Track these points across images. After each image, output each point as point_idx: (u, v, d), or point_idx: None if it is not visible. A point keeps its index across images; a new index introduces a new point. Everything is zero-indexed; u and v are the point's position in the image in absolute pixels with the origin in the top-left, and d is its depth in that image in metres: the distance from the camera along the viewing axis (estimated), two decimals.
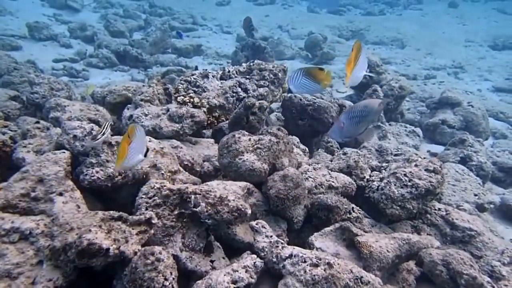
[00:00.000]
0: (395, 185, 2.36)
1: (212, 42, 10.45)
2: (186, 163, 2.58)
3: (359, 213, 2.42)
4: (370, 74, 4.87)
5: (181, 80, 3.29)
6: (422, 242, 2.03)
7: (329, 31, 13.16)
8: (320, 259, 1.84)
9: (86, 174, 2.09)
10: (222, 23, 12.74)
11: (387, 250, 1.97)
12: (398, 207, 2.31)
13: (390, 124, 4.87)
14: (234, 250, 2.13)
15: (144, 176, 2.25)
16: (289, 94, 3.61)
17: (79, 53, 7.29)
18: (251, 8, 15.60)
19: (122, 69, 7.05)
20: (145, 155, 1.82)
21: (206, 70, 3.45)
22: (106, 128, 2.06)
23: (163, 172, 2.29)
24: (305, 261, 1.85)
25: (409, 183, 2.33)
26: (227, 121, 3.21)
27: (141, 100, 2.87)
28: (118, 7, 12.03)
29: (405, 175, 2.36)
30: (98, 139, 2.03)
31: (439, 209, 2.40)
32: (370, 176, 2.65)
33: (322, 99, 3.62)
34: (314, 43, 9.91)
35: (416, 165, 2.41)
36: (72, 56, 7.11)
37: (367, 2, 19.08)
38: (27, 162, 2.05)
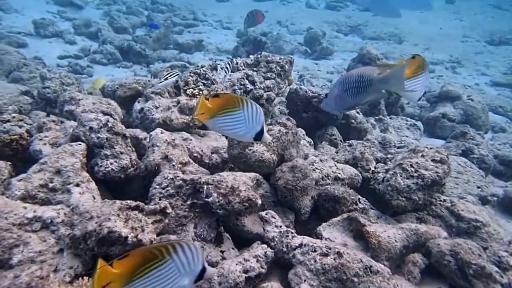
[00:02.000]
0: (401, 176, 2.37)
1: (213, 38, 10.39)
2: (195, 155, 2.58)
3: (365, 204, 2.43)
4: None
5: (190, 72, 3.28)
6: (430, 232, 2.05)
7: (328, 26, 13.09)
8: (329, 249, 1.85)
9: (101, 166, 2.09)
10: (222, 19, 12.65)
11: (395, 240, 1.98)
12: (403, 199, 2.32)
13: (391, 118, 4.86)
14: (242, 241, 2.14)
15: (156, 168, 2.25)
16: (295, 86, 3.59)
17: (84, 49, 7.24)
18: (251, 4, 15.46)
19: (125, 66, 7.01)
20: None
21: (215, 61, 3.44)
22: (173, 74, 2.15)
23: (174, 163, 2.30)
24: (315, 250, 1.86)
25: (415, 174, 2.33)
26: None
27: (152, 92, 2.86)
28: (120, 4, 11.93)
29: (411, 165, 2.36)
30: (161, 82, 2.11)
31: (444, 200, 2.41)
32: (375, 167, 2.65)
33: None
34: (313, 38, 9.86)
35: (422, 156, 2.41)
36: (77, 52, 7.07)
37: None
38: (44, 154, 2.05)
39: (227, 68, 2.99)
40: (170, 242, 1.17)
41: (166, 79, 2.27)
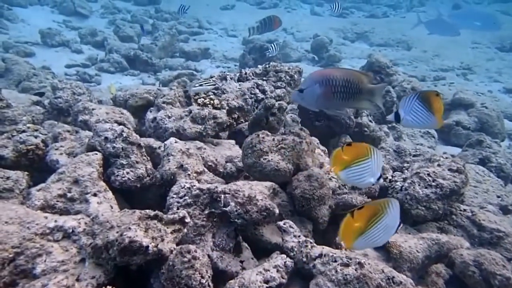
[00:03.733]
0: (419, 185, 2.39)
1: (219, 46, 10.55)
2: (210, 164, 2.62)
3: None
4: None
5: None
6: (452, 242, 2.05)
7: (334, 33, 13.24)
8: (350, 259, 1.86)
9: (117, 175, 2.14)
10: (227, 26, 12.86)
11: (417, 251, 1.99)
12: (423, 208, 2.33)
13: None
14: (261, 251, 2.16)
15: (172, 177, 2.29)
16: None
17: (91, 58, 7.40)
18: (255, 12, 15.71)
19: (132, 73, 7.15)
20: None
21: (224, 72, 3.51)
22: (209, 83, 2.24)
23: (189, 172, 2.34)
24: (335, 261, 1.88)
25: (433, 183, 2.35)
26: (247, 123, 3.25)
27: (163, 102, 2.92)
28: (125, 13, 12.19)
29: (428, 175, 2.38)
30: (197, 86, 2.20)
31: (465, 210, 2.42)
32: (392, 176, 2.67)
33: None
34: (320, 46, 9.98)
35: (439, 165, 2.43)
36: (84, 61, 7.22)
37: (369, 4, 19.18)
38: (60, 164, 2.10)
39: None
40: (385, 200, 1.57)
41: (201, 85, 2.38)
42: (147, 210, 1.76)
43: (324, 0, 18.92)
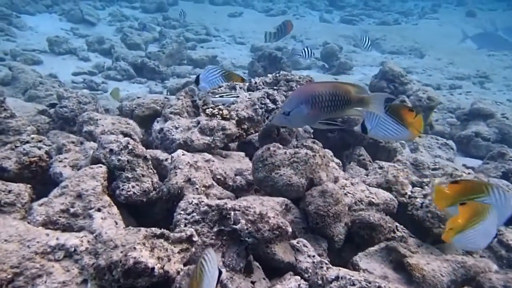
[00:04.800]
0: None
1: (227, 53, 10.59)
2: (218, 177, 2.55)
3: (404, 232, 2.34)
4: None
5: (209, 92, 3.30)
6: (479, 265, 1.94)
7: (344, 40, 13.21)
8: (369, 282, 1.76)
9: (122, 189, 2.08)
10: (235, 33, 12.93)
11: (441, 274, 1.88)
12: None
13: (419, 136, 4.78)
14: (273, 270, 2.07)
15: (179, 191, 2.23)
16: None
17: (97, 66, 7.47)
18: (264, 19, 15.82)
19: (140, 81, 7.18)
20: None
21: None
22: (231, 95, 2.21)
23: (197, 186, 2.27)
24: (353, 284, 1.78)
25: None
26: (257, 134, 3.19)
27: (171, 112, 2.88)
28: (133, 20, 12.37)
29: None
30: (217, 98, 2.17)
31: None
32: (412, 192, 2.57)
33: None
34: (330, 53, 9.95)
35: None
36: (91, 69, 7.29)
37: (380, 11, 19.18)
38: (64, 177, 2.06)
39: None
40: (488, 183, 1.56)
41: (221, 96, 2.33)
42: (153, 228, 1.69)
43: (334, 7, 19.00)
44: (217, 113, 3.04)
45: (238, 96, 2.40)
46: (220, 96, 2.58)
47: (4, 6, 9.37)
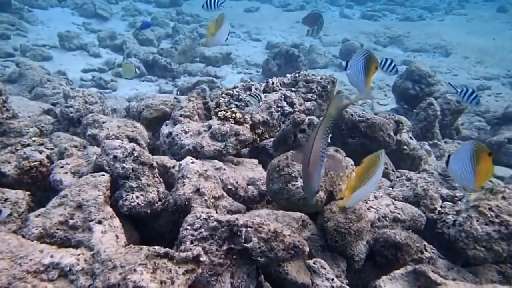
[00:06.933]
0: (477, 220, 2.10)
1: (241, 50, 10.47)
2: (229, 187, 2.43)
3: (433, 252, 2.16)
4: None
5: (222, 93, 3.18)
6: None
7: (365, 37, 12.91)
8: None
9: (126, 200, 1.98)
10: (250, 29, 12.78)
11: None
12: (482, 248, 2.04)
13: (445, 142, 4.55)
14: None
15: (186, 203, 2.11)
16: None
17: (108, 62, 7.46)
18: (281, 15, 15.63)
19: (150, 79, 7.14)
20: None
21: (249, 82, 3.33)
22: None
23: (206, 198, 2.15)
24: None
25: (496, 220, 2.06)
26: (271, 139, 3.05)
27: (181, 115, 2.77)
28: (146, 15, 12.37)
29: (490, 209, 2.09)
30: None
31: None
32: (442, 207, 2.39)
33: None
34: (350, 51, 9.69)
35: (503, 197, 2.14)
36: (101, 66, 7.28)
37: (403, 7, 18.70)
38: (64, 185, 1.97)
39: (258, 96, 2.91)
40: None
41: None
42: (156, 247, 1.58)
43: (355, 2, 18.62)
44: (230, 116, 2.92)
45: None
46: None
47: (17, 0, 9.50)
